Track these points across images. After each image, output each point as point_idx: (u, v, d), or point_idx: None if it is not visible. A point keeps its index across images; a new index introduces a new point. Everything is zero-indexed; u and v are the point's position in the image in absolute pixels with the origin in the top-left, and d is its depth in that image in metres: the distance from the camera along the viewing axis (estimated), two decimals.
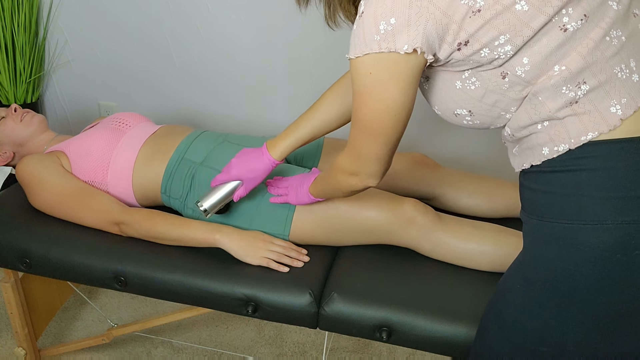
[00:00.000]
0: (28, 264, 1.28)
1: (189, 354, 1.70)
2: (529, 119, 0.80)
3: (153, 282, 1.22)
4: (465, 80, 0.81)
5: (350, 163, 0.94)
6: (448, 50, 0.77)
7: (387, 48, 0.75)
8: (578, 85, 0.75)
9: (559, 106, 0.77)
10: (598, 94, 0.75)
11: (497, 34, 0.74)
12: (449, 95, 0.85)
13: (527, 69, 0.76)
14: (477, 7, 0.72)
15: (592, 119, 0.75)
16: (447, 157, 1.95)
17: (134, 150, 1.38)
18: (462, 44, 0.75)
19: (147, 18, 1.97)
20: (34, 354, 1.54)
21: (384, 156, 0.90)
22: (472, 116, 0.85)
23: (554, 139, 0.78)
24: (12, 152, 1.49)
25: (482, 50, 0.75)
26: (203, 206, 1.20)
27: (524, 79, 0.77)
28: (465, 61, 0.78)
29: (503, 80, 0.78)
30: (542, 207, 0.82)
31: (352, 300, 1.16)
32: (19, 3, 1.96)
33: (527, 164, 0.84)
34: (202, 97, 2.08)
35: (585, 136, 0.76)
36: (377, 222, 1.24)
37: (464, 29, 0.74)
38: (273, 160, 1.16)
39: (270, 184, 1.27)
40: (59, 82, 2.19)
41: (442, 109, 0.88)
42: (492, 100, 0.81)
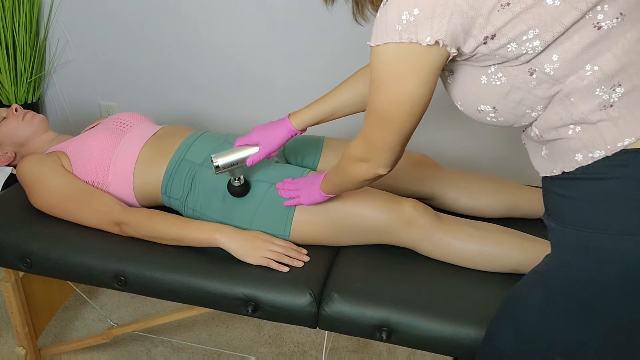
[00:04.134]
0: (28, 263, 1.28)
1: (188, 353, 1.70)
2: (559, 120, 0.77)
3: (153, 282, 1.22)
4: (491, 76, 0.79)
5: (361, 150, 0.94)
6: (474, 44, 0.75)
7: (409, 39, 0.74)
8: (613, 88, 0.73)
9: (592, 108, 0.74)
10: (633, 98, 0.73)
11: (525, 29, 0.72)
12: (472, 91, 0.83)
13: (556, 66, 0.74)
14: (506, 1, 0.71)
15: (628, 124, 0.73)
16: (447, 157, 1.95)
17: (135, 150, 1.38)
18: (489, 38, 0.74)
19: (147, 18, 1.97)
20: (35, 353, 1.54)
21: (395, 146, 0.89)
22: (496, 113, 0.83)
23: (588, 145, 0.75)
24: (14, 152, 1.49)
25: (509, 44, 0.74)
26: (216, 162, 1.21)
27: (553, 77, 0.75)
28: (491, 55, 0.76)
29: (530, 77, 0.76)
30: (569, 213, 0.79)
31: (352, 300, 1.16)
32: (20, 3, 1.96)
33: (558, 170, 0.81)
34: (203, 97, 2.09)
35: (622, 142, 0.73)
36: (377, 222, 1.24)
37: (491, 23, 0.72)
38: (292, 129, 1.19)
39: (280, 188, 1.27)
40: (59, 82, 2.19)
41: (465, 104, 0.86)
42: (518, 97, 0.79)
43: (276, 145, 1.21)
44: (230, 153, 1.22)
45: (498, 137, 1.93)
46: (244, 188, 1.27)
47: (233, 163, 1.22)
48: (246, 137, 1.24)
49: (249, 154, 1.22)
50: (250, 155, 1.22)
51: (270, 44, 1.92)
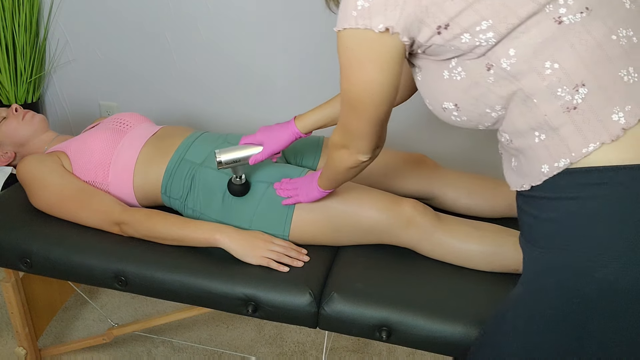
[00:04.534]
0: (29, 263, 1.28)
1: (189, 353, 1.70)
2: (525, 123, 0.74)
3: (153, 282, 1.22)
4: (452, 70, 0.78)
5: (340, 137, 0.95)
6: (428, 34, 0.74)
7: (363, 25, 0.74)
8: (575, 88, 0.69)
9: (554, 110, 0.71)
10: (599, 100, 0.68)
11: (478, 19, 0.70)
12: (436, 87, 0.82)
13: (513, 61, 0.71)
14: None
15: (592, 128, 0.69)
16: (447, 157, 1.95)
17: (135, 150, 1.38)
18: (442, 28, 0.73)
19: (147, 18, 1.97)
20: (35, 353, 1.55)
21: (368, 133, 0.90)
22: (458, 111, 0.81)
23: (553, 154, 0.72)
24: (14, 152, 1.49)
25: (463, 35, 0.72)
26: (219, 158, 1.22)
27: (510, 73, 0.72)
28: (446, 47, 0.75)
29: (488, 72, 0.74)
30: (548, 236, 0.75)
31: (352, 300, 1.16)
32: (20, 3, 1.96)
33: (527, 185, 0.78)
34: (203, 97, 2.09)
35: (586, 148, 0.69)
36: (377, 222, 1.24)
37: (444, 11, 0.71)
38: (297, 131, 1.20)
39: (278, 188, 1.27)
40: (59, 82, 2.19)
41: (431, 102, 0.85)
42: (478, 93, 0.77)
43: (280, 146, 1.22)
44: (234, 150, 1.23)
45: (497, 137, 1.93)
46: (244, 188, 1.27)
47: (236, 160, 1.23)
48: (251, 136, 1.25)
49: (252, 153, 1.23)
50: (253, 154, 1.23)
51: (271, 44, 1.92)
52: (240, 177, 1.26)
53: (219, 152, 1.23)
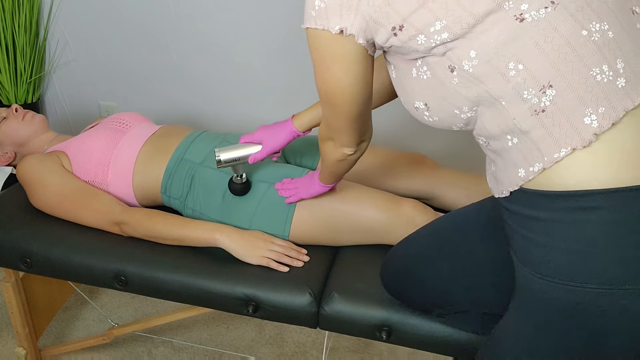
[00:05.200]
0: (29, 263, 1.28)
1: (189, 353, 1.70)
2: (496, 126, 0.71)
3: (154, 282, 1.22)
4: (419, 69, 0.75)
5: (324, 130, 0.96)
6: (385, 35, 0.73)
7: (322, 25, 0.74)
8: (542, 90, 0.64)
9: (522, 113, 0.67)
10: (569, 101, 0.64)
11: (432, 19, 0.67)
12: (407, 85, 0.80)
13: (474, 63, 0.67)
14: None
15: (564, 132, 0.64)
16: (447, 157, 1.95)
17: (135, 150, 1.38)
18: (397, 29, 0.71)
19: (147, 18, 1.97)
20: (35, 353, 1.54)
21: (348, 128, 0.90)
22: (429, 111, 0.78)
23: (527, 158, 0.68)
24: (14, 152, 1.49)
25: (418, 37, 0.69)
26: (219, 156, 1.22)
27: (473, 75, 0.68)
28: (405, 48, 0.73)
29: (452, 73, 0.70)
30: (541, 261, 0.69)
31: (352, 300, 1.16)
32: (20, 4, 1.96)
33: (506, 191, 0.73)
34: (202, 97, 2.09)
35: (558, 153, 0.65)
36: (377, 222, 1.24)
37: (397, 11, 0.69)
38: (294, 130, 1.19)
39: (280, 188, 1.27)
40: (59, 83, 2.19)
41: (405, 101, 0.83)
42: (444, 93, 0.73)
43: (278, 145, 1.22)
44: (234, 149, 1.24)
45: None
46: (245, 187, 1.27)
47: (235, 159, 1.23)
48: (250, 135, 1.25)
49: (251, 151, 1.23)
50: (252, 153, 1.23)
51: (271, 44, 1.92)
52: (240, 176, 1.26)
53: (219, 151, 1.23)
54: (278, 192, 1.27)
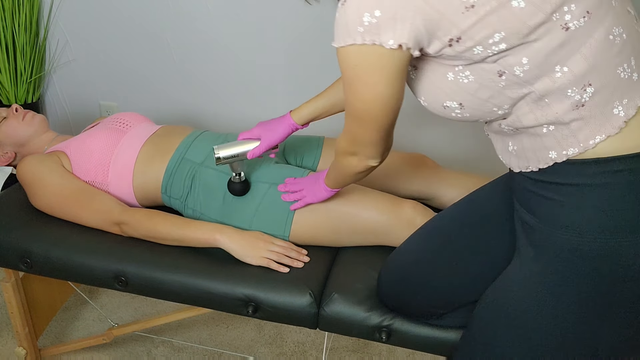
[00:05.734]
0: (29, 264, 1.28)
1: (189, 353, 1.70)
2: (535, 119, 0.78)
3: (154, 282, 1.22)
4: (459, 73, 0.77)
5: (347, 145, 0.95)
6: (439, 46, 0.74)
7: (371, 40, 0.73)
8: (584, 88, 0.73)
9: (565, 109, 0.75)
10: (603, 97, 0.74)
11: (491, 32, 0.71)
12: (438, 87, 0.81)
13: (525, 69, 0.73)
14: (471, 3, 0.69)
15: (598, 122, 0.74)
16: (447, 157, 1.95)
17: (135, 150, 1.38)
18: (454, 40, 0.72)
19: (147, 18, 1.97)
20: (35, 353, 1.55)
21: (378, 140, 0.90)
22: (462, 109, 0.81)
23: (562, 144, 0.77)
24: (14, 152, 1.49)
25: (475, 47, 0.72)
26: (218, 154, 1.23)
27: (523, 79, 0.74)
28: (458, 57, 0.75)
29: (499, 78, 0.75)
30: (572, 220, 0.78)
31: (352, 301, 1.16)
32: (20, 3, 1.96)
33: (534, 167, 0.82)
34: (202, 97, 2.09)
35: (593, 140, 0.75)
36: (377, 223, 1.24)
37: (455, 25, 0.71)
38: (293, 123, 1.21)
39: (283, 190, 1.27)
40: (59, 82, 2.19)
41: (430, 100, 0.84)
42: (486, 95, 0.78)
43: (277, 139, 1.22)
44: (232, 145, 1.24)
45: None
46: (244, 186, 1.28)
47: (234, 155, 1.23)
48: (249, 131, 1.26)
49: (250, 147, 1.24)
50: (251, 148, 1.23)
51: (271, 43, 1.92)
52: (239, 175, 1.27)
53: (217, 148, 1.23)
54: (282, 197, 1.26)
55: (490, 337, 0.92)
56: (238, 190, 1.28)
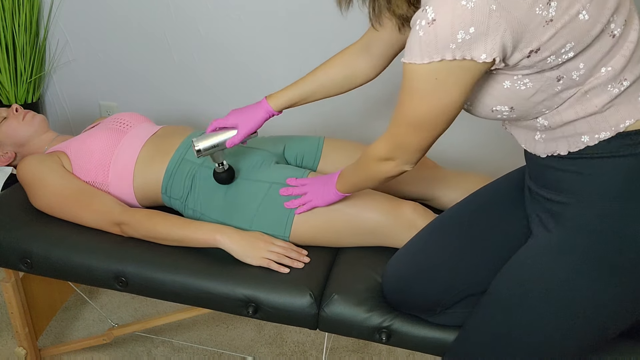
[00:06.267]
0: (29, 264, 1.28)
1: (189, 353, 1.70)
2: (575, 114, 0.84)
3: (154, 283, 1.22)
4: (516, 81, 0.83)
5: (388, 151, 0.97)
6: (518, 57, 0.78)
7: (462, 56, 0.77)
8: (620, 82, 0.82)
9: (604, 102, 0.82)
10: (633, 88, 0.83)
11: (564, 42, 0.77)
12: (490, 94, 0.86)
13: (581, 72, 0.81)
14: (550, 17, 0.75)
15: (627, 109, 0.83)
16: (447, 157, 1.95)
17: (135, 150, 1.38)
18: (533, 52, 0.78)
19: (147, 18, 1.97)
20: (35, 353, 1.55)
21: (426, 147, 0.94)
22: (511, 112, 0.87)
23: (594, 128, 0.84)
24: (14, 152, 1.49)
25: (550, 57, 0.78)
26: (198, 146, 1.23)
27: (577, 82, 0.82)
28: (531, 67, 0.80)
29: (558, 82, 0.82)
30: (601, 189, 0.85)
31: (352, 301, 1.16)
32: (20, 3, 1.96)
33: (563, 151, 0.88)
34: (202, 97, 2.09)
35: (623, 124, 0.83)
36: (377, 224, 1.24)
37: (537, 38, 0.76)
38: (270, 110, 1.23)
39: (285, 194, 1.26)
40: (59, 82, 2.19)
41: (477, 105, 0.89)
42: (540, 99, 0.84)
43: (254, 126, 1.23)
44: (210, 136, 1.24)
45: (498, 137, 1.93)
46: (229, 174, 1.29)
47: (214, 145, 1.24)
48: (223, 119, 1.26)
49: (228, 136, 1.24)
50: (230, 137, 1.24)
51: (271, 44, 1.92)
52: (222, 164, 1.27)
53: (196, 141, 1.24)
54: (285, 204, 1.26)
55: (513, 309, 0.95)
56: (224, 179, 1.29)
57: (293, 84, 1.23)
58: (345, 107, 1.97)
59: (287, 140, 1.49)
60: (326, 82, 1.22)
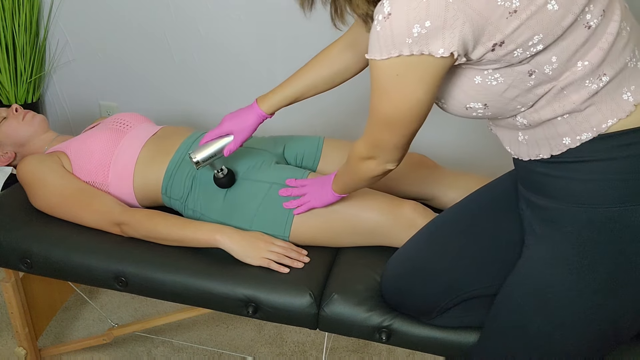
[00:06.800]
0: (29, 264, 1.28)
1: (189, 353, 1.70)
2: (552, 112, 0.81)
3: (154, 283, 1.22)
4: (487, 76, 0.80)
5: (367, 150, 0.96)
6: (482, 51, 0.76)
7: (420, 51, 0.74)
8: (599, 77, 0.78)
9: (582, 98, 0.79)
10: (614, 84, 0.79)
11: (531, 34, 0.74)
12: (463, 90, 0.84)
13: (554, 67, 0.77)
14: (514, 8, 0.72)
15: (610, 108, 0.79)
16: (447, 157, 1.95)
17: (135, 150, 1.38)
18: (497, 45, 0.75)
19: (147, 18, 1.97)
20: (35, 353, 1.55)
21: (403, 145, 0.92)
22: (485, 109, 0.84)
23: (575, 129, 0.81)
24: (14, 152, 1.49)
25: (516, 50, 0.75)
26: (195, 158, 1.23)
27: (550, 77, 0.78)
28: (497, 61, 0.77)
29: (529, 77, 0.78)
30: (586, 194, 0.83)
31: (352, 301, 1.16)
32: (20, 3, 1.96)
33: (545, 154, 0.85)
34: (203, 97, 2.09)
35: (605, 124, 0.79)
36: (377, 224, 1.24)
37: (500, 30, 0.73)
38: (262, 114, 1.21)
39: (284, 194, 1.26)
40: (59, 83, 2.19)
41: (451, 102, 0.87)
42: (513, 94, 0.81)
43: (249, 131, 1.23)
44: (207, 147, 1.24)
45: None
46: (230, 177, 1.29)
47: (211, 155, 1.24)
48: (217, 129, 1.25)
49: (224, 144, 1.24)
50: (226, 145, 1.24)
51: (272, 44, 1.92)
52: (221, 170, 1.28)
53: (193, 153, 1.24)
54: (284, 205, 1.26)
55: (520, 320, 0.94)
56: (225, 183, 1.29)
57: (283, 85, 1.22)
58: (345, 107, 1.97)
59: (287, 140, 1.49)
60: (316, 80, 1.21)
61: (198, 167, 1.25)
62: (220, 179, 1.28)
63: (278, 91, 1.21)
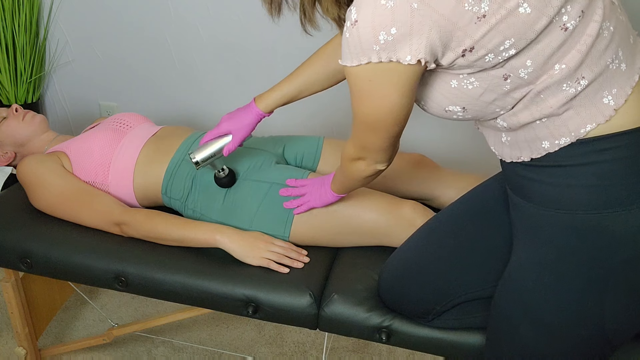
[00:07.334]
0: (29, 264, 1.28)
1: (189, 353, 1.70)
2: (530, 116, 0.80)
3: (154, 283, 1.22)
4: (463, 80, 0.79)
5: (355, 151, 0.96)
6: (452, 57, 0.74)
7: (388, 58, 0.73)
8: (577, 81, 0.76)
9: (560, 102, 0.77)
10: (593, 88, 0.76)
11: (502, 39, 0.72)
12: (441, 93, 0.83)
13: (530, 70, 0.75)
14: (482, 13, 0.70)
15: (589, 112, 0.77)
16: (447, 157, 1.95)
17: (135, 150, 1.38)
18: (467, 51, 0.73)
19: (147, 18, 1.97)
20: (35, 353, 1.55)
21: (388, 146, 0.91)
22: (464, 112, 0.83)
23: (554, 133, 0.79)
24: (14, 152, 1.49)
25: (487, 55, 0.74)
26: (195, 158, 1.24)
27: (526, 80, 0.76)
28: (470, 66, 0.76)
29: (505, 81, 0.77)
30: (564, 199, 0.82)
31: (352, 301, 1.16)
32: (20, 3, 1.96)
33: (526, 157, 0.84)
34: (202, 97, 2.09)
35: (584, 128, 0.77)
36: (377, 224, 1.24)
37: (469, 36, 0.72)
38: (260, 113, 1.21)
39: (285, 194, 1.26)
40: (59, 83, 2.19)
41: (430, 105, 0.86)
42: (491, 98, 0.80)
43: (247, 131, 1.23)
44: (206, 147, 1.25)
45: None
46: (231, 177, 1.29)
47: (211, 155, 1.24)
48: (215, 129, 1.25)
49: (223, 144, 1.24)
50: (225, 144, 1.24)
51: (272, 44, 1.92)
52: (222, 170, 1.28)
53: (193, 154, 1.24)
54: (284, 204, 1.26)
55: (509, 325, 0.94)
56: (226, 183, 1.29)
57: (280, 83, 1.22)
58: (345, 107, 1.97)
59: (287, 140, 1.49)
60: (313, 79, 1.21)
61: (198, 167, 1.25)
62: (222, 178, 1.28)
63: (275, 90, 1.21)
